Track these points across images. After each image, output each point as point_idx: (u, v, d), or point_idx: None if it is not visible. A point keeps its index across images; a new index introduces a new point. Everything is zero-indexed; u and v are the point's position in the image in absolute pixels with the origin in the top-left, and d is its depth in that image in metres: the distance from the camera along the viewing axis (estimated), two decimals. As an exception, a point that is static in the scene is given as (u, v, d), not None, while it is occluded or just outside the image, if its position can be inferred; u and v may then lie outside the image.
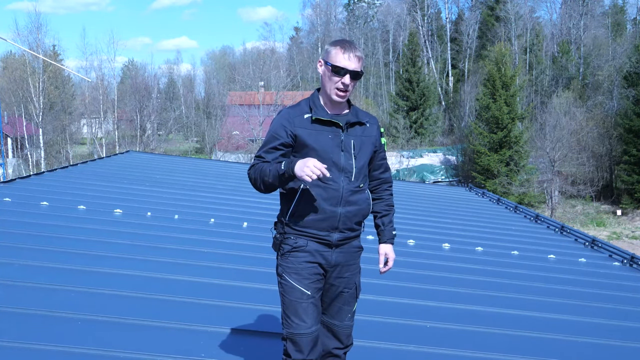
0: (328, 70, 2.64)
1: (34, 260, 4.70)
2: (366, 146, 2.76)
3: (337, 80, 2.62)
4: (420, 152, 42.99)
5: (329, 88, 2.65)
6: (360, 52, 2.64)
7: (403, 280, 5.19)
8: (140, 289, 4.21)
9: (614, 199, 35.70)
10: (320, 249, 2.67)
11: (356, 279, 2.83)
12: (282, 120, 2.67)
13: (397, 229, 3.13)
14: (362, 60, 2.64)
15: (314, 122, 2.65)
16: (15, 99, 41.78)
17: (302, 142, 2.63)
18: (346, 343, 2.84)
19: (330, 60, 2.62)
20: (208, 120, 51.10)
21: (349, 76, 2.61)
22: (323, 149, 2.63)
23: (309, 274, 2.65)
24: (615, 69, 40.83)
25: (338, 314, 2.79)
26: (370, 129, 2.80)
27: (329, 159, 2.62)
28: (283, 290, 2.69)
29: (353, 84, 2.64)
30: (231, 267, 5.05)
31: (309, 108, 2.69)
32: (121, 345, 3.30)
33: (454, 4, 62.26)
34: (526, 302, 5.00)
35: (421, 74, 48.79)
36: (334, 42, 2.68)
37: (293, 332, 2.64)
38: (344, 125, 2.69)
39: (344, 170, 2.66)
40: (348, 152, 2.68)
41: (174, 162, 13.64)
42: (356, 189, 2.71)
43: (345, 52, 2.60)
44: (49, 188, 8.24)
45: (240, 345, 3.49)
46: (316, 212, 2.64)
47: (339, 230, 2.68)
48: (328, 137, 2.65)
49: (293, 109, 2.71)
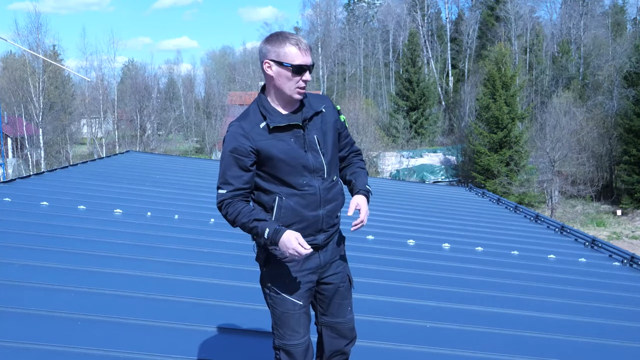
0: (288, 71, 2.41)
1: (34, 260, 4.70)
2: (329, 135, 2.59)
3: (298, 79, 2.43)
4: (420, 152, 43.02)
5: (289, 89, 2.44)
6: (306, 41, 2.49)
7: (403, 280, 5.19)
8: (140, 289, 4.21)
9: (614, 199, 35.70)
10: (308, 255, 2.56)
11: (347, 270, 2.77)
12: (238, 138, 2.43)
13: (397, 229, 3.13)
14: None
15: (272, 131, 2.45)
16: (15, 99, 41.78)
17: (267, 154, 2.44)
18: (351, 337, 2.80)
19: (288, 60, 2.40)
20: (208, 120, 51.13)
21: (308, 72, 2.45)
22: (290, 156, 2.45)
23: (300, 284, 2.56)
24: (615, 69, 40.84)
25: (339, 311, 2.74)
26: (327, 115, 2.60)
27: (299, 164, 2.47)
28: (273, 302, 2.58)
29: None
30: (231, 267, 5.05)
31: (262, 116, 2.48)
32: (121, 345, 3.30)
33: (454, 4, 62.38)
34: (526, 302, 5.00)
35: (421, 74, 48.81)
36: (278, 39, 2.43)
37: (287, 344, 2.57)
38: (303, 123, 2.51)
39: (315, 171, 2.52)
40: (314, 150, 2.52)
41: (174, 162, 13.63)
42: (330, 184, 2.58)
43: (299, 47, 2.41)
44: (49, 188, 8.24)
45: (240, 345, 3.49)
46: (299, 221, 2.50)
47: (323, 231, 2.59)
48: (290, 141, 2.47)
49: (245, 122, 2.47)
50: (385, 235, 7.09)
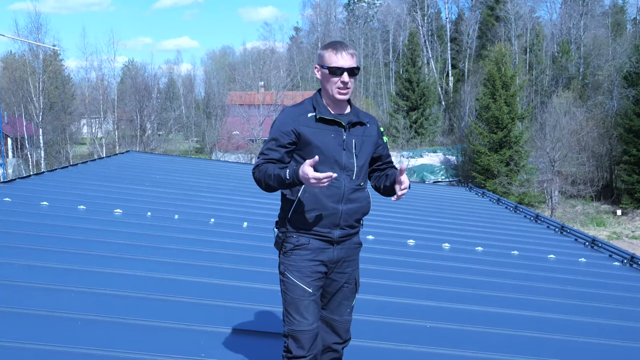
0: (326, 72, 2.70)
1: (34, 260, 4.70)
2: (367, 145, 2.81)
3: (337, 80, 2.68)
4: (420, 152, 43.03)
5: (330, 89, 2.71)
6: (353, 49, 2.71)
7: (403, 280, 5.19)
8: (140, 289, 4.21)
9: (614, 198, 35.71)
10: (322, 246, 2.72)
11: (356, 274, 2.88)
12: (286, 118, 2.72)
13: (397, 229, 3.15)
14: (356, 56, 2.72)
15: (317, 121, 2.71)
16: (15, 99, 41.78)
17: (306, 140, 2.68)
18: (345, 338, 2.90)
19: (326, 64, 2.69)
20: (208, 120, 51.13)
21: (347, 74, 2.67)
22: (326, 147, 2.68)
23: (311, 272, 2.70)
24: (615, 68, 40.84)
25: (338, 309, 2.85)
26: (370, 129, 2.85)
27: (332, 157, 2.68)
28: (285, 288, 2.73)
29: (352, 81, 2.71)
30: (231, 267, 5.05)
31: (313, 107, 2.75)
32: (121, 345, 3.30)
33: (454, 4, 62.36)
34: (526, 302, 5.00)
35: (421, 74, 48.82)
36: (325, 46, 2.75)
37: (295, 329, 2.68)
38: (346, 124, 2.75)
39: (345, 169, 2.72)
40: (349, 151, 2.74)
41: (174, 162, 13.63)
42: (357, 187, 2.76)
43: (337, 52, 2.67)
44: (49, 188, 8.24)
45: (240, 345, 3.49)
46: (318, 210, 2.68)
47: (340, 227, 2.74)
48: (331, 135, 2.70)
49: (297, 107, 2.77)
50: (385, 235, 7.09)
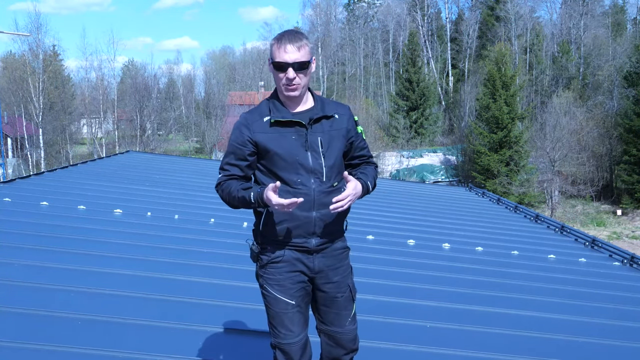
0: (271, 68, 2.46)
1: (34, 260, 4.70)
2: (335, 141, 2.54)
3: (283, 76, 2.41)
4: (420, 152, 43.02)
5: (278, 86, 2.46)
6: (301, 40, 2.40)
7: (403, 280, 5.19)
8: (140, 289, 4.21)
9: (614, 198, 35.71)
10: (299, 256, 2.54)
11: (348, 281, 2.68)
12: (240, 128, 2.50)
13: (397, 229, 3.12)
14: (306, 48, 2.40)
15: (273, 125, 2.47)
16: (15, 99, 41.78)
17: (264, 148, 2.46)
18: (351, 348, 2.71)
19: (272, 57, 2.42)
20: (208, 120, 51.09)
21: (291, 69, 2.39)
22: (287, 152, 2.45)
23: (291, 284, 2.54)
24: (615, 68, 40.86)
25: (337, 320, 2.66)
26: (339, 122, 2.56)
27: (295, 161, 2.45)
28: (267, 302, 2.59)
29: (303, 76, 2.43)
30: (231, 267, 5.04)
31: (269, 109, 2.50)
32: (121, 345, 3.30)
33: (454, 4, 62.37)
34: (526, 302, 5.00)
35: (421, 74, 48.81)
36: (274, 37, 2.46)
37: (282, 342, 2.56)
38: (307, 122, 2.48)
39: (313, 172, 2.47)
40: (315, 152, 2.48)
41: (174, 162, 13.63)
42: (329, 189, 2.51)
43: (280, 45, 2.38)
44: (49, 188, 8.24)
45: (240, 345, 3.49)
46: (289, 220, 2.48)
47: (317, 235, 2.52)
48: (292, 138, 2.46)
49: (251, 114, 2.53)
50: (385, 235, 7.09)
